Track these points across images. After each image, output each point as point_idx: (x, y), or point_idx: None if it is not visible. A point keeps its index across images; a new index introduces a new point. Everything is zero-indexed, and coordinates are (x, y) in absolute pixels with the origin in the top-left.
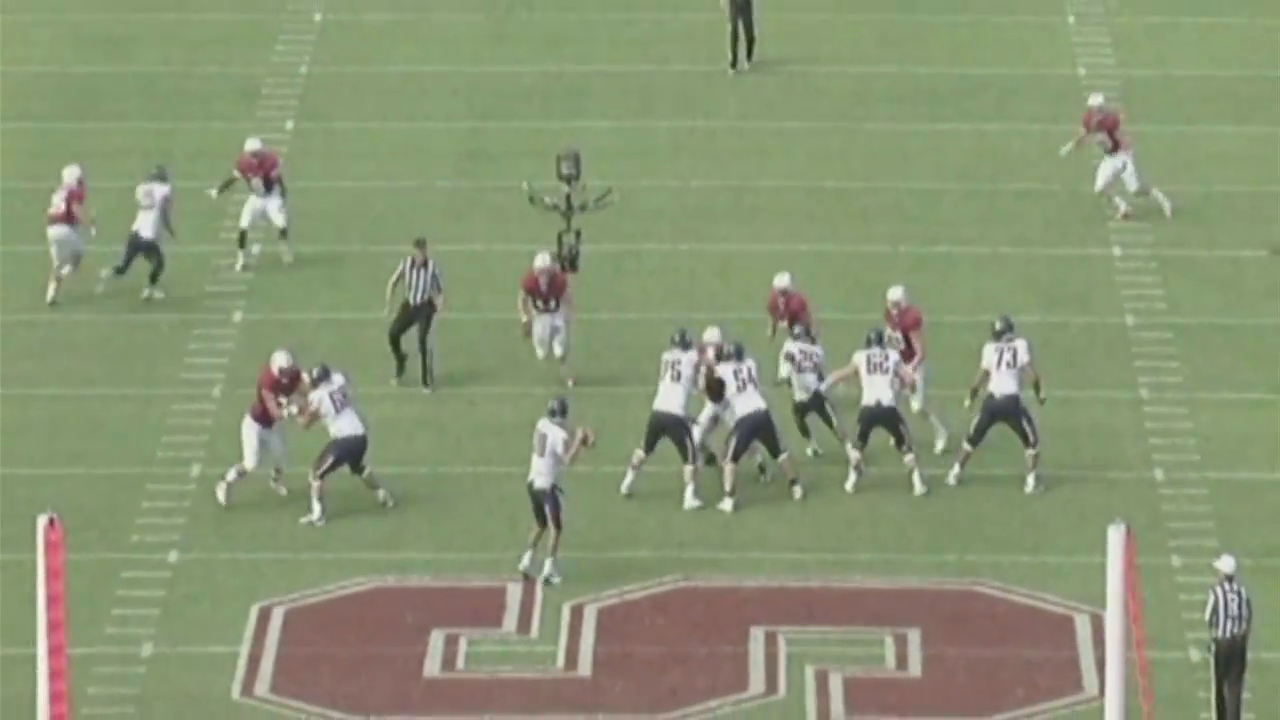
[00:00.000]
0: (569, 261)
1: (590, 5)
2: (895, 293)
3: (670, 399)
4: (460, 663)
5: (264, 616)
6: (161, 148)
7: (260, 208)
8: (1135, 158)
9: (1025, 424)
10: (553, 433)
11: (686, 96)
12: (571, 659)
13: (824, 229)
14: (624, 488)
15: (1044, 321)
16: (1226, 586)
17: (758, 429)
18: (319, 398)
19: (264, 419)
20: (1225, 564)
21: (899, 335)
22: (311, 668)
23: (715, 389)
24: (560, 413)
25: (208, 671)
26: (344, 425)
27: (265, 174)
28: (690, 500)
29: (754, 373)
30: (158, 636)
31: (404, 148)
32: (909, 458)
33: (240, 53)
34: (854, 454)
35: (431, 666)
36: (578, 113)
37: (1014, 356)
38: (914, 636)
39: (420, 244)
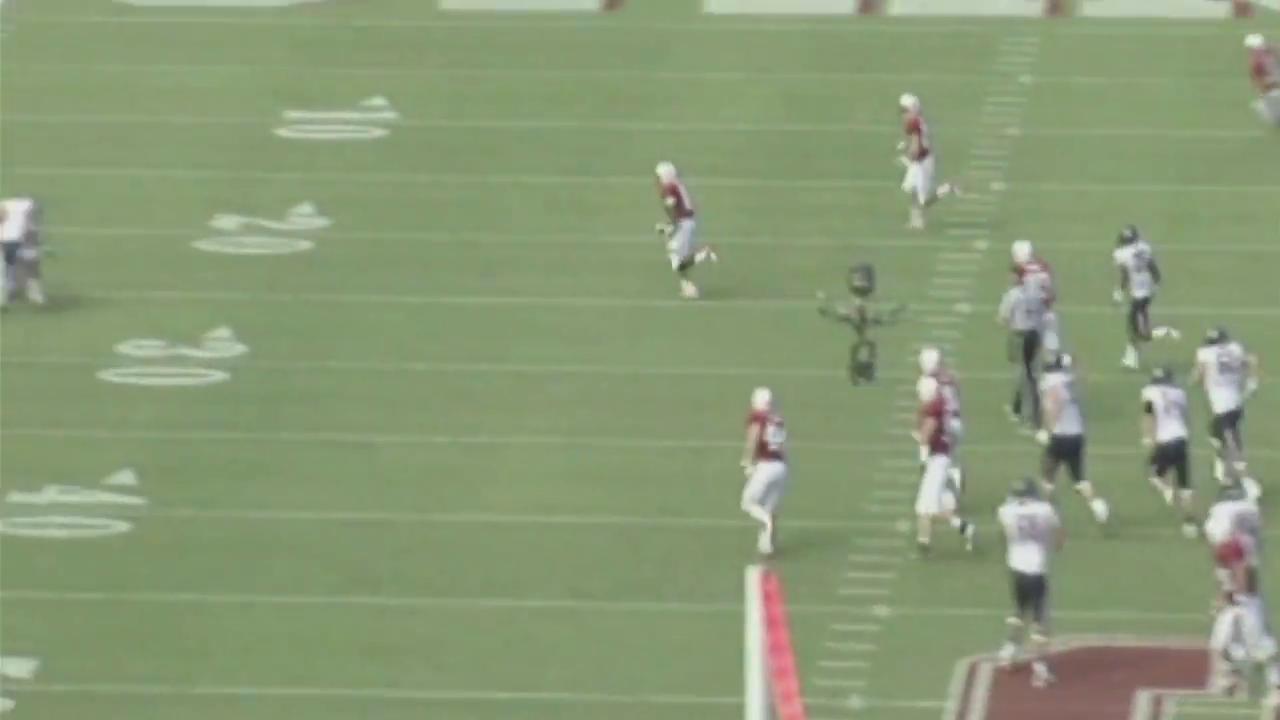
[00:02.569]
0: (864, 374)
1: None
2: None
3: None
4: None
5: (971, 672)
6: (868, 205)
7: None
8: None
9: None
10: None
11: None
12: None
13: None
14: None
15: None
16: None
17: (1175, 457)
18: None
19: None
20: None
21: None
22: None
23: None
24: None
25: None
26: None
27: None
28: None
29: (1181, 400)
30: (866, 689)
31: (1111, 210)
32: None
33: (949, 113)
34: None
35: None
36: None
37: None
38: None
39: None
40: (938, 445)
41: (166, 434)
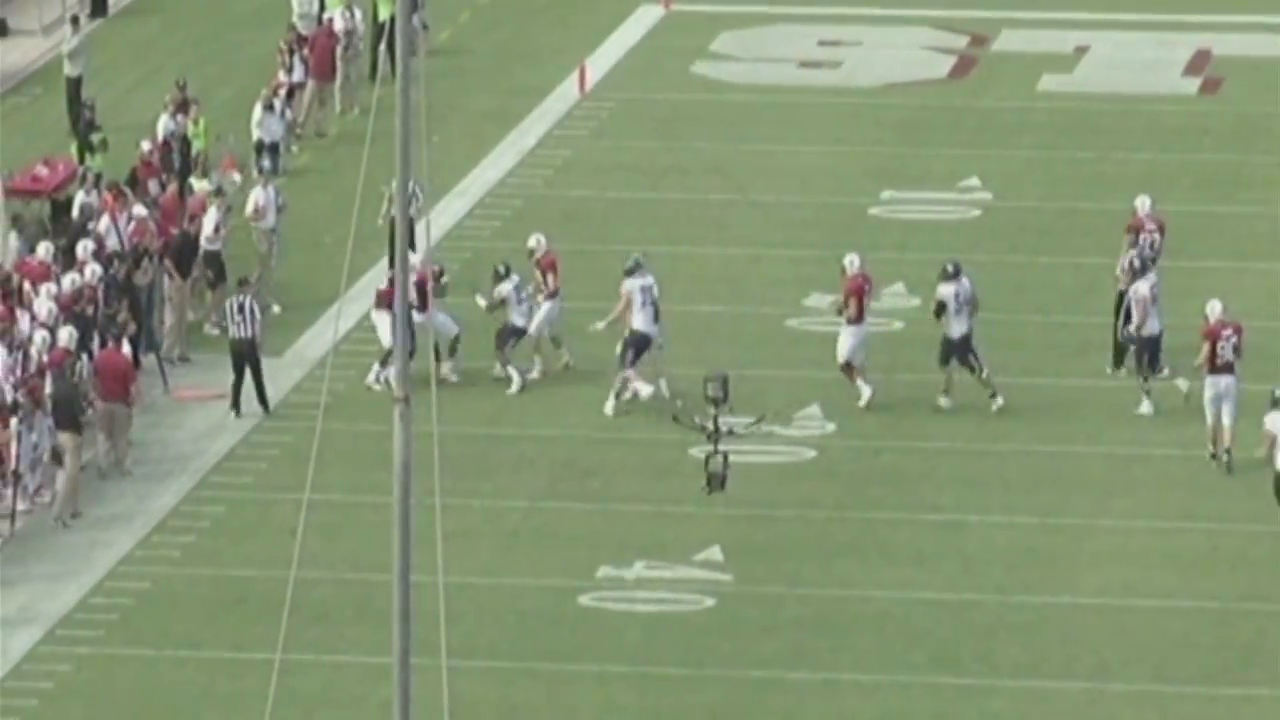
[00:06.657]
0: (715, 485)
1: None
2: None
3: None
4: None
5: None
6: None
7: None
8: None
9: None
10: None
11: None
12: None
13: None
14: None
15: None
16: None
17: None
18: None
19: None
20: None
21: None
22: None
23: None
24: None
25: None
26: None
27: None
28: None
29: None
30: None
31: None
32: None
33: None
34: None
35: None
36: None
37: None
38: None
39: None
40: None
41: (755, 511)
